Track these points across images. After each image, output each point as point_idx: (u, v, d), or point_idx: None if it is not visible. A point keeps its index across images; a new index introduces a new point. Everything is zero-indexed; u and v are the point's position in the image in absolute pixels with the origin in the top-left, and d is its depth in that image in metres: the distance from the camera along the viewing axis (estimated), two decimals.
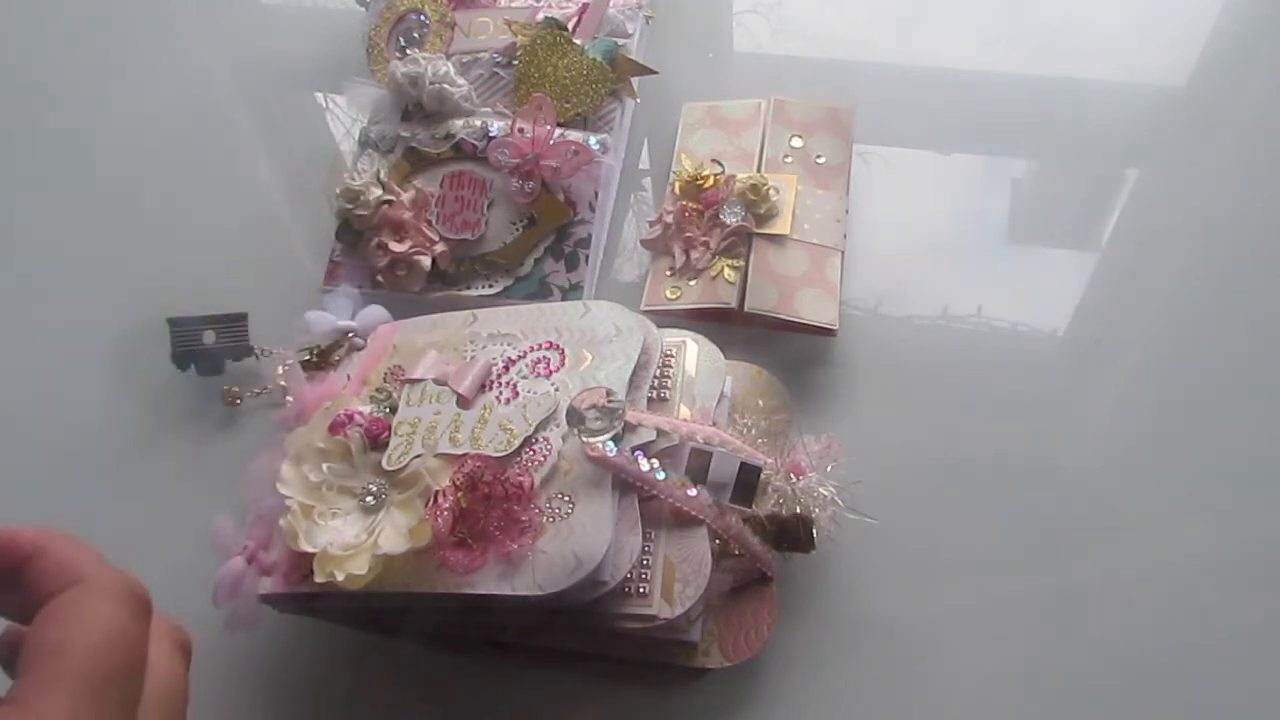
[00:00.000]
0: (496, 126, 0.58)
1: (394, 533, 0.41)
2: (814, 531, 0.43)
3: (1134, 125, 0.62)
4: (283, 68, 0.72)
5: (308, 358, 0.53)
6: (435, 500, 0.40)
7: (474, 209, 0.57)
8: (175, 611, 0.47)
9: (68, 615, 0.25)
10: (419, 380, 0.46)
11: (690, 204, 0.55)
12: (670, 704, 0.44)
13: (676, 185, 0.56)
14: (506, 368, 0.45)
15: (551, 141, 0.56)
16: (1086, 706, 0.43)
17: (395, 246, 0.56)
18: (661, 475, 0.41)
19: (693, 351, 0.47)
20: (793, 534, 0.43)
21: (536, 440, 0.42)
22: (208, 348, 0.55)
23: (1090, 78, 0.64)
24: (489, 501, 0.40)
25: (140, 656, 0.26)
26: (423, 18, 0.64)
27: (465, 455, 0.42)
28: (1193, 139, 0.61)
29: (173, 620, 0.31)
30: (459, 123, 0.59)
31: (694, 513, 0.42)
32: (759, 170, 0.57)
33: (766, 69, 0.68)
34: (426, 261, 0.56)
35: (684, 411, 0.45)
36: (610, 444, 0.41)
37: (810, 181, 0.56)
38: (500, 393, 0.44)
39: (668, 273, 0.55)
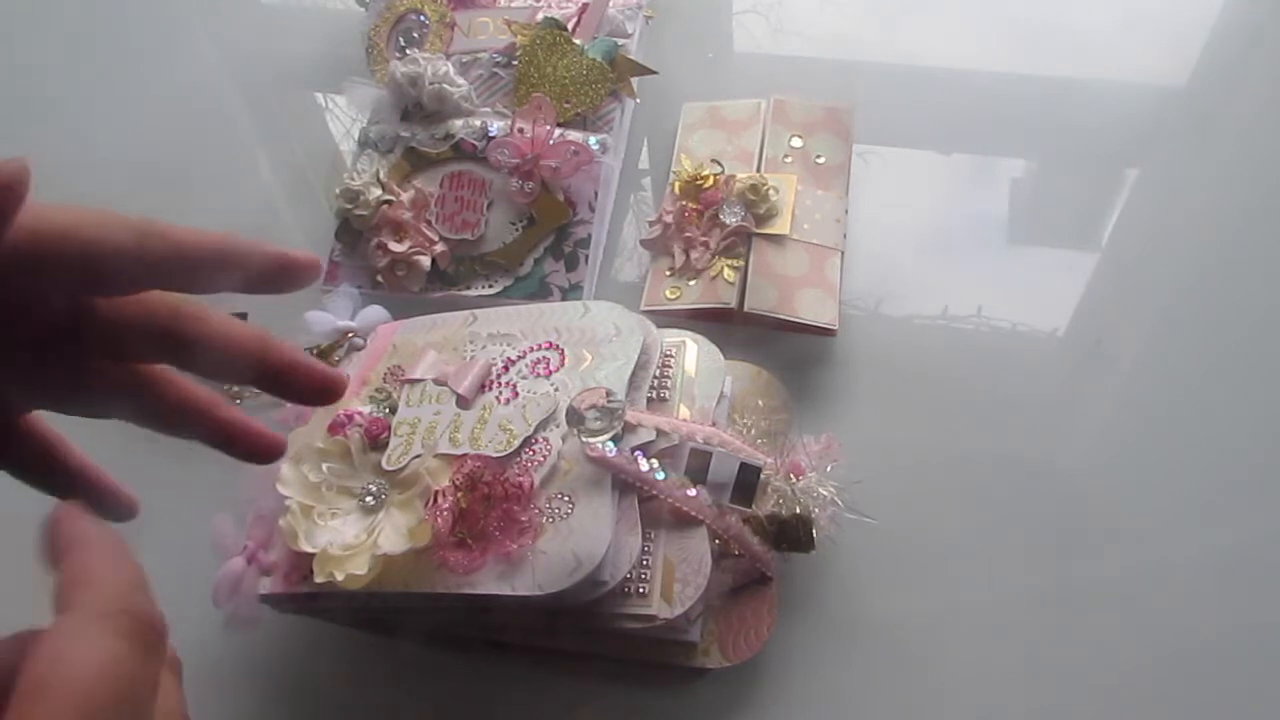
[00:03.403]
0: (496, 126, 0.58)
1: (394, 533, 0.41)
2: (814, 531, 0.43)
3: (1134, 125, 0.62)
4: (283, 68, 0.72)
5: None
6: (435, 500, 0.40)
7: (474, 209, 0.57)
8: (176, 612, 0.47)
9: (53, 649, 0.21)
10: (419, 380, 0.46)
11: (690, 204, 0.55)
12: (670, 704, 0.44)
13: (676, 185, 0.56)
14: (506, 368, 0.45)
15: (551, 141, 0.56)
16: (1086, 706, 0.43)
17: (395, 246, 0.56)
18: (661, 475, 0.41)
19: (693, 351, 0.47)
20: (793, 534, 0.43)
21: (536, 440, 0.42)
22: None
23: (1090, 77, 0.64)
24: (489, 501, 0.40)
25: (144, 698, 0.22)
26: (422, 18, 0.64)
27: (465, 455, 0.42)
28: (1193, 139, 0.61)
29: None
30: (459, 123, 0.59)
31: (694, 513, 0.42)
32: (759, 170, 0.57)
33: (766, 69, 0.68)
34: (426, 261, 0.56)
35: (684, 411, 0.44)
36: (610, 444, 0.41)
37: (810, 181, 0.56)
38: (500, 393, 0.44)
39: (667, 273, 0.55)
